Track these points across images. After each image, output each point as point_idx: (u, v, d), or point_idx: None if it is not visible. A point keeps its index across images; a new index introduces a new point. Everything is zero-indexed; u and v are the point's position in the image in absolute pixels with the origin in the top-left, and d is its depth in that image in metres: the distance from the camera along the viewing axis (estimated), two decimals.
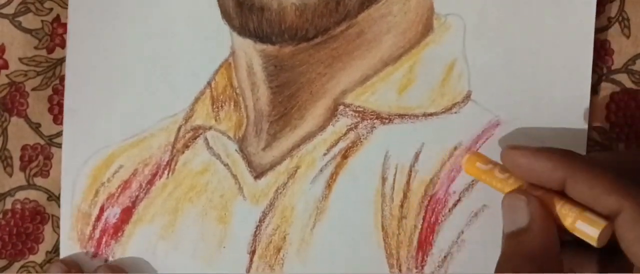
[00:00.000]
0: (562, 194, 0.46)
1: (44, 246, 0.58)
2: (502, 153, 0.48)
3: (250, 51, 0.56)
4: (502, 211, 0.47)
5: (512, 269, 0.43)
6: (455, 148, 0.55)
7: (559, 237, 0.45)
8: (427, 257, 0.55)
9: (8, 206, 0.57)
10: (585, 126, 0.54)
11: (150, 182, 0.57)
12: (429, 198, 0.55)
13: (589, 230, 0.44)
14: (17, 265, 0.58)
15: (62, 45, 0.57)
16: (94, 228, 0.57)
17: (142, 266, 0.57)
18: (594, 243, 0.44)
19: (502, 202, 0.47)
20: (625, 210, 0.42)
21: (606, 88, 0.56)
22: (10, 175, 0.57)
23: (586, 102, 0.54)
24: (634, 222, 0.42)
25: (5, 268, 0.57)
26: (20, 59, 0.57)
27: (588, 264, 0.47)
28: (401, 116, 0.55)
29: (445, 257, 0.55)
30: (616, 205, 0.42)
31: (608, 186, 0.43)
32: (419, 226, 0.55)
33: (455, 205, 0.55)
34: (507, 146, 0.48)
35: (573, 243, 0.46)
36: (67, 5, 0.57)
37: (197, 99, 0.56)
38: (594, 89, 0.55)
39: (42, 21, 0.57)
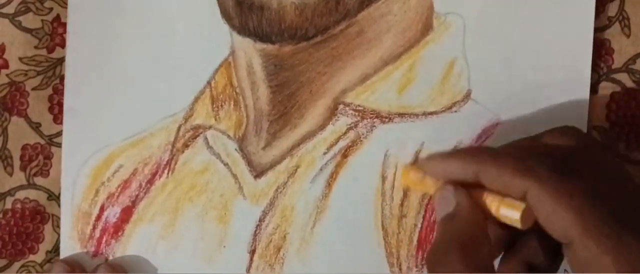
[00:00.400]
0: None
1: (44, 246, 0.58)
2: (420, 163, 0.51)
3: (250, 50, 0.56)
4: (435, 206, 0.48)
5: (442, 252, 0.45)
6: (456, 147, 0.55)
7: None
8: None
9: (8, 205, 0.57)
10: (585, 125, 0.54)
11: (150, 182, 0.57)
12: (429, 197, 0.55)
13: (510, 213, 0.45)
14: (17, 265, 0.58)
15: (62, 44, 0.57)
16: (94, 228, 0.57)
17: (142, 265, 0.57)
18: (518, 225, 0.45)
19: (434, 197, 0.48)
20: (530, 189, 0.43)
21: (606, 87, 0.56)
22: (11, 175, 0.57)
23: (586, 101, 0.54)
24: (540, 198, 0.43)
25: (5, 267, 0.57)
26: (20, 59, 0.57)
27: (545, 253, 0.48)
28: (401, 115, 0.55)
29: None
30: (522, 186, 0.44)
31: (512, 170, 0.44)
32: (419, 225, 0.55)
33: None
34: (424, 157, 0.51)
35: (532, 235, 0.48)
36: (67, 5, 0.57)
37: (197, 99, 0.56)
38: (594, 89, 0.55)
39: (42, 21, 0.57)
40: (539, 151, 0.46)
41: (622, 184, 0.46)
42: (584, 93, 0.54)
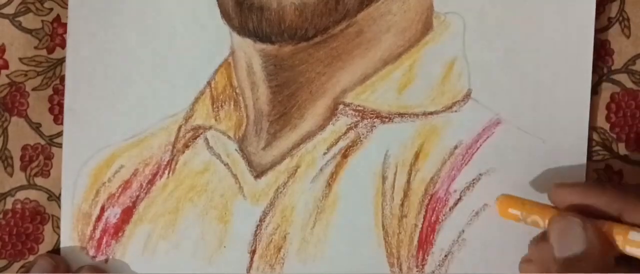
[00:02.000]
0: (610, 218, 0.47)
1: (44, 246, 0.58)
2: (550, 193, 0.50)
3: (249, 51, 0.56)
4: (549, 233, 0.47)
5: None
6: (456, 147, 0.55)
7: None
8: (427, 256, 0.55)
9: (8, 206, 0.57)
10: (586, 124, 0.54)
11: (151, 182, 0.57)
12: (429, 197, 0.55)
13: None
14: (16, 265, 0.58)
15: (63, 45, 0.57)
16: (94, 228, 0.57)
17: (142, 265, 0.57)
18: None
19: (552, 225, 0.47)
20: None
21: (606, 88, 0.56)
22: (11, 175, 0.57)
23: (587, 100, 0.54)
24: None
25: (5, 268, 0.57)
26: (20, 59, 0.57)
27: None
28: (401, 114, 0.55)
29: (445, 256, 0.55)
30: None
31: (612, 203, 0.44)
32: (420, 225, 0.55)
33: (456, 204, 0.55)
34: (554, 185, 0.49)
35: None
36: (67, 5, 0.57)
37: (197, 99, 0.56)
38: (594, 89, 0.55)
39: (42, 21, 0.57)
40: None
41: None
42: (585, 93, 0.54)
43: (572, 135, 0.54)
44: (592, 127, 0.55)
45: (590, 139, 0.55)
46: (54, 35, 0.57)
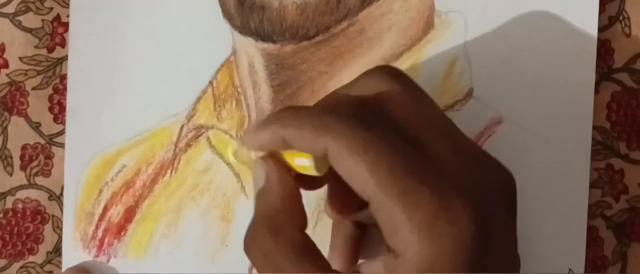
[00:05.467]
0: None
1: (44, 247, 0.57)
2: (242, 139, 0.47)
3: (251, 50, 0.56)
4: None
5: (253, 231, 0.43)
6: None
7: None
8: None
9: (9, 205, 0.57)
10: (590, 123, 0.54)
11: (154, 181, 0.57)
12: None
13: (304, 162, 0.43)
14: (16, 265, 0.57)
15: (63, 44, 0.57)
16: (97, 227, 0.57)
17: (144, 264, 0.56)
18: (314, 172, 0.42)
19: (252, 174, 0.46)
20: (328, 147, 0.40)
21: (607, 87, 0.56)
22: (11, 174, 0.57)
23: (590, 99, 0.54)
24: (336, 155, 0.40)
25: (4, 268, 0.57)
26: (20, 58, 0.57)
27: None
28: None
29: None
30: (321, 144, 0.41)
31: (310, 129, 0.41)
32: None
33: None
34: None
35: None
36: (67, 4, 0.57)
37: (199, 98, 0.56)
38: (595, 88, 0.55)
39: (42, 20, 0.57)
40: (342, 104, 0.43)
41: (432, 131, 0.43)
42: (588, 91, 0.54)
43: (575, 134, 0.54)
44: (593, 126, 0.55)
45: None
46: (54, 34, 0.57)
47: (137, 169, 0.57)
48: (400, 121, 0.42)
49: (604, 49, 0.56)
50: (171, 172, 0.57)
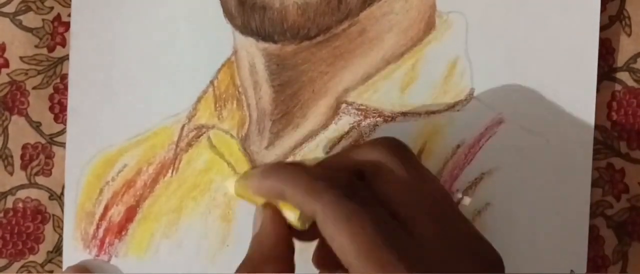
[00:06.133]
0: None
1: (45, 246, 0.57)
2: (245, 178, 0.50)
3: (252, 50, 0.56)
4: None
5: (249, 269, 0.45)
6: (458, 146, 0.55)
7: None
8: None
9: (9, 205, 0.57)
10: (592, 123, 0.54)
11: (155, 181, 0.57)
12: None
13: (290, 215, 0.46)
14: (17, 265, 0.57)
15: (63, 44, 0.57)
16: (97, 227, 0.57)
17: (145, 264, 0.56)
18: (298, 226, 0.46)
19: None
20: (316, 212, 0.43)
21: (607, 86, 0.56)
22: (11, 174, 0.57)
23: (592, 99, 0.54)
24: (322, 221, 0.43)
25: (5, 267, 0.57)
26: (21, 58, 0.57)
27: None
28: (404, 114, 0.55)
29: None
30: (311, 208, 0.43)
31: (303, 191, 0.44)
32: None
33: (458, 203, 0.55)
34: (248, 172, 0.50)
35: None
36: (68, 4, 0.57)
37: (200, 98, 0.56)
38: (596, 88, 0.55)
39: (42, 20, 0.57)
40: (340, 170, 0.46)
41: (423, 210, 0.45)
42: (590, 91, 0.55)
43: (577, 134, 0.54)
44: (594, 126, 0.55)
45: None
46: (55, 34, 0.57)
47: (138, 168, 0.57)
48: (392, 196, 0.45)
49: (605, 48, 0.56)
50: (172, 172, 0.57)
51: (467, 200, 0.53)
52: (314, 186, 0.44)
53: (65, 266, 0.57)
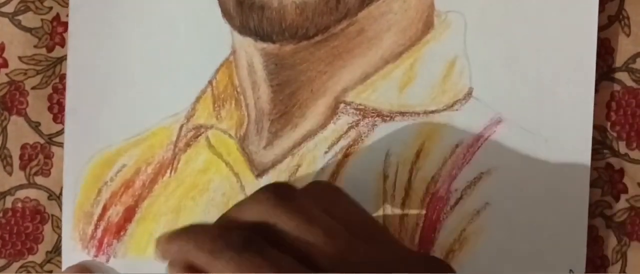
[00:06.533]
0: None
1: (44, 246, 0.58)
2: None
3: (250, 50, 0.56)
4: None
5: None
6: (457, 146, 0.55)
7: None
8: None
9: (8, 205, 0.57)
10: (590, 123, 0.54)
11: (154, 181, 0.57)
12: (430, 196, 0.55)
13: None
14: (16, 265, 0.57)
15: (62, 44, 0.57)
16: (96, 227, 0.57)
17: (144, 264, 0.56)
18: None
19: None
20: (222, 271, 0.44)
21: (606, 87, 0.56)
22: (10, 174, 0.57)
23: (590, 99, 0.54)
24: None
25: (4, 267, 0.57)
26: (19, 58, 0.57)
27: None
28: (402, 113, 0.55)
29: (446, 255, 0.55)
30: (215, 268, 0.44)
31: (206, 253, 0.45)
32: (421, 224, 0.55)
33: (456, 203, 0.55)
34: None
35: None
36: (66, 3, 0.57)
37: (198, 98, 0.56)
38: (594, 88, 0.55)
39: (41, 20, 0.57)
40: (233, 227, 0.47)
41: (315, 242, 0.46)
42: (588, 91, 0.54)
43: (576, 134, 0.54)
44: (593, 126, 0.55)
45: None
46: (54, 34, 0.57)
47: (136, 168, 0.57)
48: (289, 241, 0.45)
49: (604, 48, 0.56)
50: (170, 172, 0.57)
51: None
52: (215, 245, 0.45)
53: (64, 266, 0.57)
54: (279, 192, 0.48)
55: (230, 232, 0.46)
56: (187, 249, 0.46)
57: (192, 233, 0.47)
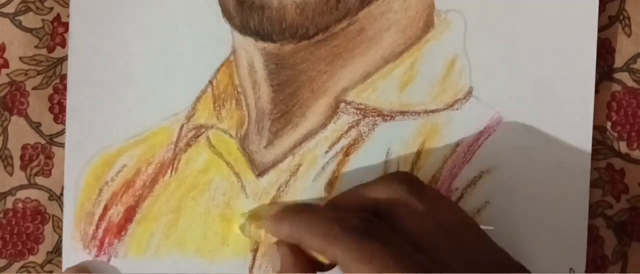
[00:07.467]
0: None
1: (44, 247, 0.57)
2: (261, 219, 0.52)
3: (251, 49, 0.56)
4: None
5: None
6: (457, 145, 0.55)
7: None
8: None
9: (9, 205, 0.57)
10: (590, 123, 0.54)
11: (154, 181, 0.57)
12: None
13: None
14: (16, 265, 0.57)
15: (63, 44, 0.57)
16: (97, 227, 0.57)
17: (144, 264, 0.56)
18: (324, 260, 0.47)
19: (264, 256, 0.52)
20: (337, 256, 0.44)
21: (607, 87, 0.56)
22: (11, 174, 0.57)
23: (590, 98, 0.55)
24: (344, 264, 0.44)
25: (5, 268, 0.57)
26: (20, 58, 0.57)
27: None
28: (403, 112, 0.55)
29: None
30: (331, 254, 0.45)
31: (321, 238, 0.45)
32: None
33: (457, 201, 0.55)
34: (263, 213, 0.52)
35: None
36: (67, 4, 0.57)
37: (198, 98, 0.56)
38: (595, 88, 0.55)
39: (42, 20, 0.57)
40: (355, 209, 0.47)
41: (443, 238, 0.46)
42: (588, 91, 0.55)
43: (576, 133, 0.54)
44: (593, 126, 0.55)
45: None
46: (54, 34, 0.57)
47: (137, 168, 0.57)
48: (411, 230, 0.46)
49: (604, 48, 0.56)
50: (171, 172, 0.57)
51: None
52: (331, 230, 0.45)
53: (64, 266, 0.57)
54: (414, 180, 0.49)
55: (348, 216, 0.46)
56: (299, 232, 0.46)
57: (305, 214, 0.48)
